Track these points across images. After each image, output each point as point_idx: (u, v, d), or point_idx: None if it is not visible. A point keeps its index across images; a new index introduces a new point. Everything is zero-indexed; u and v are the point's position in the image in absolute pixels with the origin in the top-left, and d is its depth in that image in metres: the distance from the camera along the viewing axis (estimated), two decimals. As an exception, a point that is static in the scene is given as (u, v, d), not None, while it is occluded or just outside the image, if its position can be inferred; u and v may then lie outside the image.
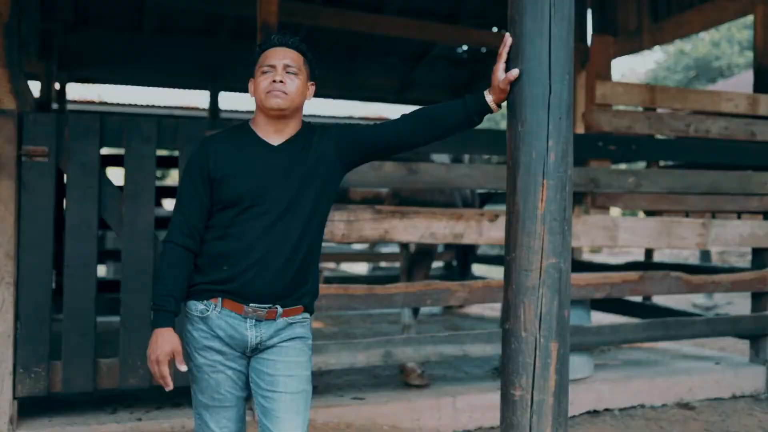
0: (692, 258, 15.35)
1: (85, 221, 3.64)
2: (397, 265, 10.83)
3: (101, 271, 10.19)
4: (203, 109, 11.03)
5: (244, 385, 2.33)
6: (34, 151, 3.54)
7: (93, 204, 3.66)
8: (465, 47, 9.34)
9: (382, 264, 11.23)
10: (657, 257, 8.32)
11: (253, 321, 2.22)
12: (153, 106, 11.28)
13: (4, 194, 3.49)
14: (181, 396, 4.12)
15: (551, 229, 2.15)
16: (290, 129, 2.29)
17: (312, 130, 2.33)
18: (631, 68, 35.71)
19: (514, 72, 2.16)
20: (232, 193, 2.20)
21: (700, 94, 5.26)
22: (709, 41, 26.18)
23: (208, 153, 2.25)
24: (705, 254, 11.66)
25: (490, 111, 2.25)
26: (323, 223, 2.33)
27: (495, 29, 8.66)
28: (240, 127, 2.34)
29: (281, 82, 2.21)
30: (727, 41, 26.14)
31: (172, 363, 2.23)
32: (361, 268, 13.61)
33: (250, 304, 2.21)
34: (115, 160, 5.70)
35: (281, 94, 2.22)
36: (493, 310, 8.44)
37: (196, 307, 2.26)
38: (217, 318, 2.23)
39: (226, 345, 2.24)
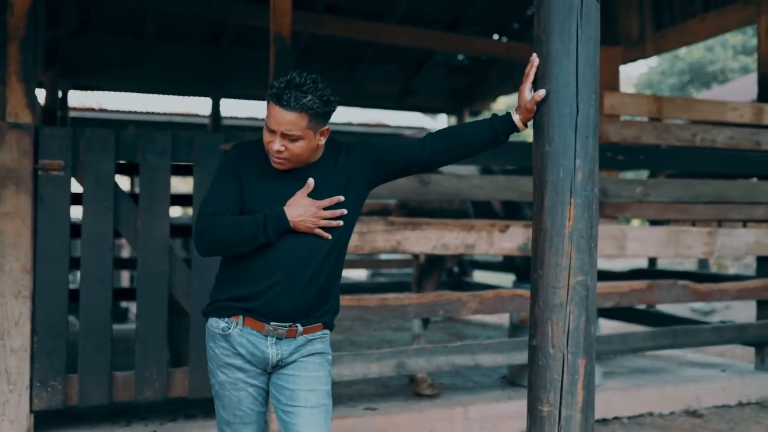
0: (688, 263, 15.42)
1: (100, 234, 3.66)
2: (395, 271, 10.87)
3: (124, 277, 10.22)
4: (204, 116, 11.02)
5: (264, 400, 2.35)
6: (50, 165, 3.56)
7: (108, 217, 3.67)
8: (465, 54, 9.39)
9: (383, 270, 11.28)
10: (658, 263, 8.36)
11: (274, 339, 2.24)
12: (153, 113, 11.26)
13: (21, 208, 3.50)
14: (194, 408, 4.14)
15: (578, 247, 2.18)
16: (312, 159, 2.26)
17: (337, 149, 2.32)
18: (624, 72, 35.86)
19: (541, 92, 2.18)
20: (256, 210, 2.20)
21: (705, 105, 5.31)
22: (703, 45, 26.31)
23: (241, 161, 2.25)
24: (703, 260, 11.72)
25: (517, 130, 2.28)
26: (348, 241, 2.34)
27: (495, 36, 8.71)
28: None
29: (279, 151, 2.15)
30: (721, 46, 26.30)
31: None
32: (360, 273, 13.63)
33: (271, 323, 2.22)
34: (122, 169, 5.69)
35: (282, 161, 2.18)
36: (494, 316, 8.47)
37: (218, 324, 2.28)
38: (238, 336, 2.24)
39: (248, 362, 2.26)
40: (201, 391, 3.80)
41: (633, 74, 33.33)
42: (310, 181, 2.19)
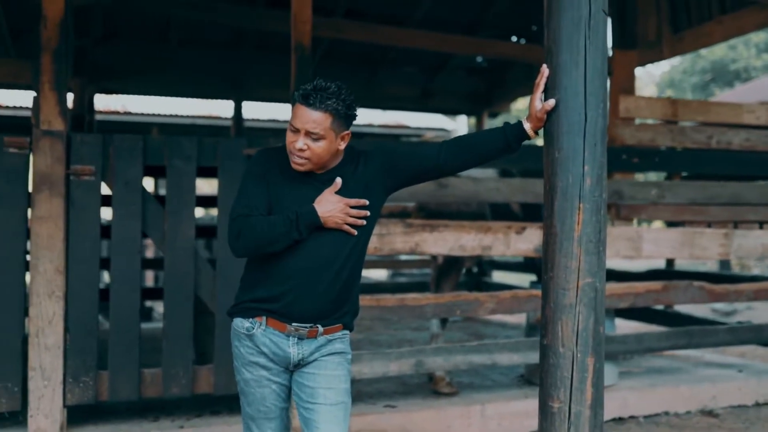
0: (710, 264, 15.34)
1: (129, 237, 3.80)
2: (415, 271, 10.98)
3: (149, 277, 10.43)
4: (226, 119, 11.19)
5: (287, 397, 2.46)
6: (82, 171, 3.71)
7: (137, 220, 3.82)
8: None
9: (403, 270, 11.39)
10: (677, 264, 8.38)
11: (296, 339, 2.34)
12: (176, 116, 11.46)
13: (54, 211, 3.65)
14: (219, 404, 4.27)
15: (587, 250, 2.27)
16: (331, 164, 2.37)
17: (356, 157, 2.42)
18: (646, 71, 35.62)
19: (551, 102, 2.27)
20: (281, 213, 2.31)
21: (721, 107, 5.35)
22: (726, 44, 26.09)
23: (267, 165, 2.36)
24: (724, 261, 11.68)
25: (528, 138, 2.37)
26: (366, 245, 2.44)
27: (514, 39, 8.78)
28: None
29: (301, 150, 2.25)
30: (744, 44, 26.05)
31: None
32: (380, 274, 13.74)
33: (293, 324, 2.32)
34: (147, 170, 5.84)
35: (303, 161, 2.28)
36: (513, 316, 8.54)
37: (243, 324, 2.39)
38: (261, 335, 2.35)
39: (271, 361, 2.36)
40: (226, 388, 3.93)
41: (655, 73, 33.12)
42: (338, 180, 2.30)
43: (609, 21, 7.72)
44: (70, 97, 7.15)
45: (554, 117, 2.29)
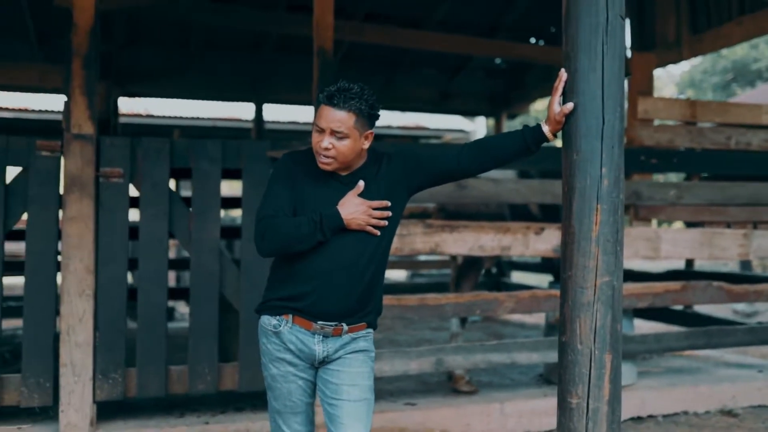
0: (732, 265, 15.24)
1: (156, 237, 3.91)
2: (434, 272, 11.04)
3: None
4: (247, 121, 11.32)
5: (312, 392, 2.53)
6: (111, 173, 3.82)
7: (164, 221, 3.92)
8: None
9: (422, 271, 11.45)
10: (697, 264, 8.37)
11: (321, 336, 2.41)
12: (198, 119, 11.61)
13: (84, 212, 3.76)
14: (243, 401, 4.37)
15: (605, 250, 2.33)
16: (355, 165, 2.44)
17: (379, 159, 2.49)
18: (667, 71, 35.36)
19: (569, 105, 2.33)
20: (306, 213, 2.39)
21: (740, 108, 5.37)
22: (747, 43, 25.87)
23: (293, 168, 2.44)
24: (745, 262, 11.62)
25: (547, 140, 2.43)
26: (390, 245, 2.50)
27: (533, 40, 8.81)
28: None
29: (327, 149, 2.33)
30: (765, 43, 25.79)
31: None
32: (400, 274, 13.80)
33: (318, 322, 2.39)
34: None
35: (329, 161, 2.36)
36: (532, 316, 8.58)
37: (270, 321, 2.46)
38: (288, 333, 2.42)
39: (297, 357, 2.43)
40: (250, 384, 4.02)
41: (675, 73, 32.88)
42: (361, 183, 2.37)
43: (628, 22, 7.79)
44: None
45: (572, 120, 2.35)
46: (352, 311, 2.42)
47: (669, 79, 32.10)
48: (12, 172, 3.75)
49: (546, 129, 2.41)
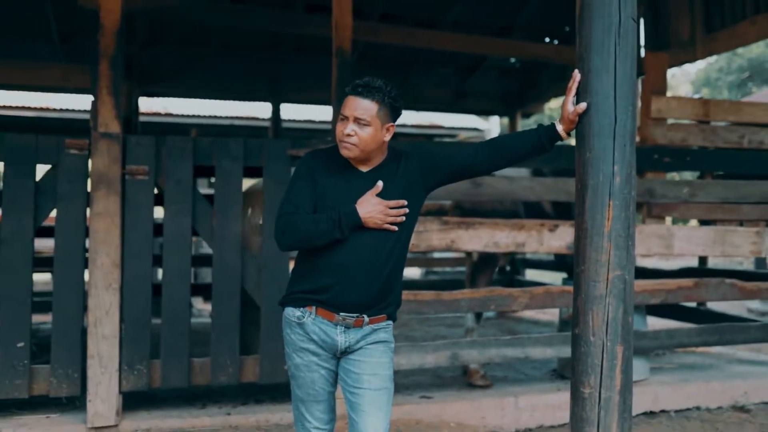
0: (747, 263, 15.22)
1: (180, 233, 4.02)
2: (448, 269, 11.12)
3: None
4: (264, 119, 11.45)
5: (334, 381, 2.62)
6: (136, 170, 3.93)
7: (187, 217, 4.03)
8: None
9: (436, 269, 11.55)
10: (711, 263, 8.40)
11: (343, 327, 2.50)
12: (216, 117, 11.76)
13: (111, 209, 3.88)
14: (263, 393, 4.48)
15: (617, 245, 2.41)
16: (375, 160, 2.54)
17: (398, 157, 2.58)
18: (681, 69, 35.19)
19: (583, 105, 2.42)
20: (328, 207, 2.47)
21: (753, 107, 5.41)
22: (763, 42, 25.71)
23: (315, 165, 2.54)
24: (760, 260, 11.63)
25: (561, 139, 2.52)
26: (408, 241, 2.59)
27: (547, 40, 8.87)
28: (338, 149, 2.57)
29: (349, 135, 2.44)
30: (782, 41, 25.64)
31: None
32: (414, 272, 13.89)
33: (341, 313, 2.49)
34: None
35: (350, 146, 2.46)
36: (545, 313, 8.65)
37: (294, 313, 2.56)
38: (311, 324, 2.52)
39: (320, 347, 2.53)
40: (270, 376, 4.13)
41: (691, 71, 32.73)
42: (380, 183, 2.46)
43: (642, 22, 7.84)
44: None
45: (586, 119, 2.43)
46: (372, 303, 2.51)
47: (684, 78, 31.98)
48: (41, 170, 3.87)
49: (560, 128, 2.50)
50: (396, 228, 2.47)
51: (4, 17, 7.28)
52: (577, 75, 2.45)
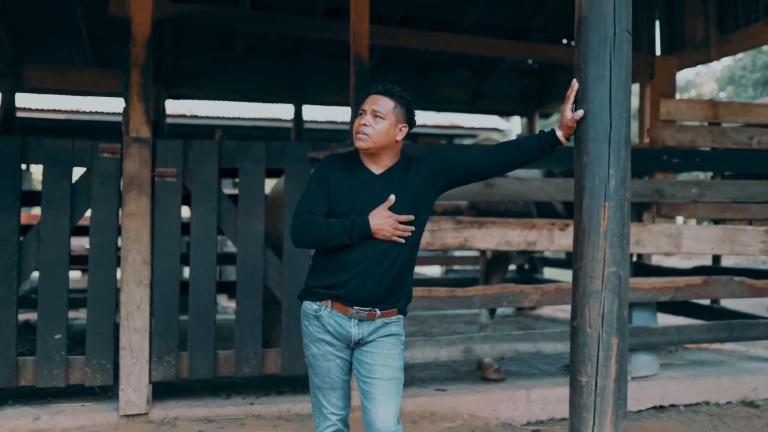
0: (760, 263, 15.16)
1: (206, 232, 4.24)
2: (468, 267, 11.29)
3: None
4: (286, 121, 11.69)
5: (348, 370, 2.82)
6: (165, 173, 4.16)
7: (213, 217, 4.25)
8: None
9: (455, 267, 11.73)
10: (730, 262, 8.47)
11: (356, 320, 2.70)
12: (239, 119, 12.03)
13: (142, 209, 4.12)
14: (284, 385, 4.69)
15: (612, 243, 2.58)
16: (387, 161, 2.73)
17: (410, 161, 2.77)
18: (707, 66, 34.88)
19: (580, 112, 2.59)
20: (339, 211, 2.68)
21: (763, 108, 5.51)
22: (789, 39, 25.41)
23: (330, 169, 2.74)
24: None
25: (561, 144, 2.69)
26: (419, 239, 2.79)
27: (564, 41, 8.99)
28: (354, 154, 2.79)
29: (365, 125, 2.66)
30: (807, 38, 25.34)
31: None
32: (434, 270, 14.07)
33: (354, 307, 2.68)
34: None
35: (364, 137, 2.66)
36: (564, 312, 8.77)
37: (311, 306, 2.76)
38: (327, 316, 2.71)
39: (335, 338, 2.73)
40: (291, 369, 4.34)
41: (716, 68, 32.46)
42: (392, 197, 2.66)
43: (657, 24, 7.91)
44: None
45: (583, 126, 2.60)
46: (384, 298, 2.70)
47: (710, 75, 31.74)
48: (77, 172, 4.12)
49: (560, 133, 2.67)
50: (403, 241, 2.66)
51: (37, 23, 7.59)
52: (575, 84, 2.62)
